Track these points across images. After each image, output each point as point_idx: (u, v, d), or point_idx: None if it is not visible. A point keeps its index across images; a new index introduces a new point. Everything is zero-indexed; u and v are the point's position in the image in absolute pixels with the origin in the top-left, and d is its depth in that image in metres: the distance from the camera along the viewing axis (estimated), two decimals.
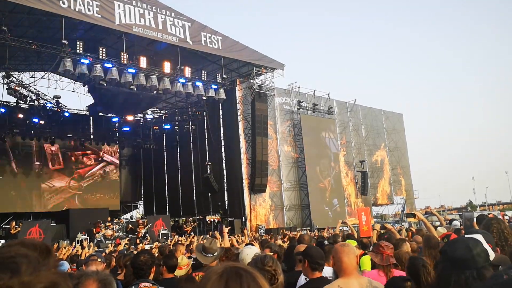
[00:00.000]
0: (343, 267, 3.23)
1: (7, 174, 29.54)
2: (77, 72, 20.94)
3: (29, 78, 28.46)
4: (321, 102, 33.49)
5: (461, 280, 2.12)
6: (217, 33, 25.81)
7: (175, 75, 24.27)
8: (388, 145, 39.08)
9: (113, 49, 23.24)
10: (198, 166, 31.86)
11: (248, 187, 27.75)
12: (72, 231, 22.06)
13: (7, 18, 19.91)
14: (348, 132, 35.59)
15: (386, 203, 38.21)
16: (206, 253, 4.55)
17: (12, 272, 0.77)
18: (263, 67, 28.17)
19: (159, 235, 22.71)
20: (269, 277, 3.06)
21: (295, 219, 30.18)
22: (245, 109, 28.80)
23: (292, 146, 31.47)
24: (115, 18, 21.47)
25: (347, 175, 34.52)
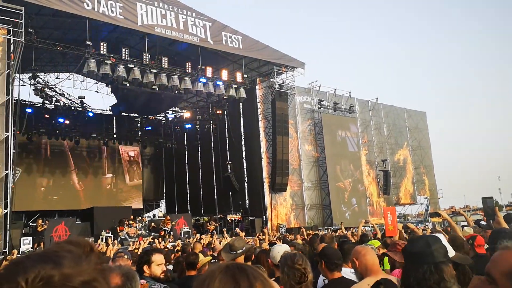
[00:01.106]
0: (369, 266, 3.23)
1: (33, 173, 30.23)
2: (101, 73, 21.30)
3: (55, 79, 29.12)
4: (342, 101, 33.27)
5: (419, 273, 2.19)
6: (238, 32, 25.90)
7: (196, 75, 24.47)
8: (411, 144, 38.58)
9: (136, 50, 23.57)
10: (218, 165, 32.04)
11: (269, 186, 27.77)
12: (97, 229, 22.46)
13: (34, 20, 20.39)
14: (369, 131, 35.27)
15: (409, 203, 37.73)
16: (231, 250, 4.62)
17: (54, 264, 0.82)
18: (283, 66, 28.14)
19: (181, 234, 22.95)
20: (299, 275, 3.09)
21: (316, 218, 30.07)
22: (266, 108, 28.82)
23: (313, 145, 31.35)
24: (137, 19, 21.78)
25: (369, 174, 34.21)
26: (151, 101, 26.28)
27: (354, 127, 33.49)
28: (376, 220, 32.21)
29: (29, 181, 29.69)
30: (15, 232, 19.01)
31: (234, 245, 4.65)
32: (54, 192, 31.01)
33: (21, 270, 0.78)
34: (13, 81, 19.38)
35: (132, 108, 30.23)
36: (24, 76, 25.77)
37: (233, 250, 4.61)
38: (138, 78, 22.16)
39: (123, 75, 21.71)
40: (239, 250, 4.61)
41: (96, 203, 31.37)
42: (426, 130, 40.54)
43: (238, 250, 4.61)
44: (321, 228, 27.23)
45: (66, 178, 31.79)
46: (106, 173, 33.85)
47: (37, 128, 28.05)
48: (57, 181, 31.32)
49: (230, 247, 4.66)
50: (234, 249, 4.61)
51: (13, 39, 18.70)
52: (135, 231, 21.81)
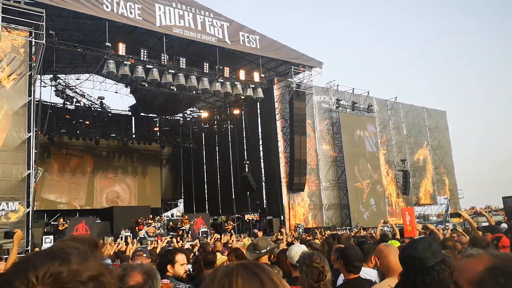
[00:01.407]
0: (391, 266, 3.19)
1: (54, 172, 30.72)
2: (120, 74, 21.54)
3: (75, 80, 29.56)
4: (361, 100, 33.01)
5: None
6: (255, 32, 25.92)
7: (213, 75, 24.58)
8: (431, 144, 38.09)
9: (154, 51, 23.78)
10: (236, 165, 32.12)
11: (287, 186, 27.71)
12: (116, 228, 22.75)
13: (54, 22, 20.73)
14: (388, 130, 34.93)
15: (429, 203, 37.26)
16: (255, 249, 4.64)
17: (62, 260, 0.85)
18: (301, 65, 28.05)
19: (199, 233, 23.09)
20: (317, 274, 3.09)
21: (334, 218, 29.91)
22: (283, 107, 28.77)
23: (331, 145, 31.18)
24: (155, 20, 21.98)
25: (388, 174, 33.88)
26: (169, 102, 26.47)
27: (372, 126, 33.20)
28: (395, 220, 31.89)
29: (51, 180, 30.19)
30: (37, 231, 19.36)
31: (258, 244, 4.66)
32: (75, 192, 31.48)
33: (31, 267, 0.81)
34: (35, 83, 19.74)
35: (151, 109, 30.49)
36: (46, 78, 26.21)
37: (257, 249, 4.63)
38: (157, 79, 22.36)
39: (142, 75, 21.93)
40: (263, 249, 4.62)
41: (115, 202, 31.82)
42: (446, 129, 39.98)
43: (262, 249, 4.62)
44: (339, 228, 27.08)
45: (86, 178, 32.24)
46: (125, 173, 34.22)
47: (58, 128, 28.53)
48: (78, 181, 31.78)
49: (254, 247, 4.68)
50: (258, 249, 4.63)
51: (34, 41, 19.05)
52: (154, 230, 22.02)
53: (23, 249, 16.61)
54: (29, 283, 0.79)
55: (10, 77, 18.51)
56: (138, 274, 2.19)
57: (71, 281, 0.82)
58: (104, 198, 32.47)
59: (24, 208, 18.14)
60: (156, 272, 2.28)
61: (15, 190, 18.06)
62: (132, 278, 2.17)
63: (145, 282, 2.16)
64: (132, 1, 21.34)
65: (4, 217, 17.64)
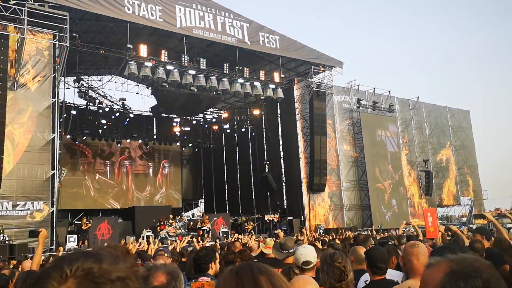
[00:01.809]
0: (414, 268, 3.16)
1: (78, 172, 31.24)
2: (141, 75, 21.80)
3: (98, 82, 30.01)
4: (382, 100, 32.67)
5: None
6: (275, 32, 25.91)
7: (233, 76, 24.65)
8: (454, 144, 37.44)
9: (175, 52, 23.99)
10: (256, 165, 32.13)
11: (307, 186, 27.60)
12: (138, 227, 22.99)
13: (78, 25, 21.11)
14: (410, 130, 34.47)
15: (452, 204, 36.62)
16: (281, 249, 4.65)
17: (95, 259, 0.95)
18: (321, 65, 27.91)
19: (220, 233, 23.18)
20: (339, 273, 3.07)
21: (355, 219, 29.66)
22: (303, 108, 28.66)
23: (352, 145, 30.94)
24: (176, 22, 22.17)
25: (410, 175, 33.45)
26: (190, 102, 26.66)
27: (394, 126, 32.82)
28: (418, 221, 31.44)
29: (74, 180, 30.71)
30: (61, 230, 19.73)
31: (286, 244, 4.67)
32: (97, 191, 31.95)
33: (67, 262, 0.93)
34: (59, 84, 20.14)
35: (172, 109, 30.76)
36: (69, 79, 26.69)
37: (284, 249, 4.65)
38: (177, 80, 22.55)
39: (163, 77, 22.15)
40: (291, 249, 4.63)
41: (137, 202, 32.17)
42: (470, 129, 39.25)
43: (290, 249, 4.63)
44: (361, 229, 26.84)
45: (108, 178, 32.70)
46: (146, 173, 34.59)
47: (81, 129, 29.03)
48: (100, 181, 32.25)
49: (281, 246, 4.70)
50: (285, 248, 4.64)
51: (58, 44, 19.44)
52: (175, 230, 22.19)
53: (48, 248, 16.94)
54: (63, 275, 0.89)
55: (35, 79, 18.93)
56: (162, 275, 2.21)
57: (100, 277, 0.91)
58: (126, 197, 32.87)
59: (49, 208, 18.52)
60: (180, 273, 2.30)
61: (40, 190, 18.47)
62: (156, 279, 2.19)
63: (169, 282, 2.18)
64: (153, 3, 21.58)
65: (30, 216, 18.05)
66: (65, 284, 0.89)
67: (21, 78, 18.51)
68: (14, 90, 18.27)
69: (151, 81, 23.26)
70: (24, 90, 18.64)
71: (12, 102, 17.96)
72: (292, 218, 27.27)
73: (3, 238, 16.53)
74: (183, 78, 22.77)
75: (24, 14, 17.70)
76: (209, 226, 23.53)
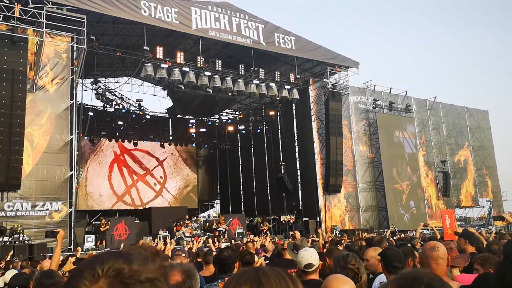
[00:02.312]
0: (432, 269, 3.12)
1: (95, 173, 31.60)
2: (157, 77, 21.97)
3: (115, 84, 30.36)
4: (398, 100, 32.37)
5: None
6: (290, 33, 25.88)
7: (249, 77, 24.69)
8: (472, 144, 36.90)
9: (190, 53, 24.14)
10: (272, 166, 32.11)
11: (323, 187, 27.48)
12: (154, 228, 23.17)
13: (95, 28, 21.38)
14: (427, 131, 34.08)
15: (470, 206, 36.09)
16: (297, 250, 4.63)
17: (126, 260, 0.97)
18: (337, 66, 27.78)
19: (235, 234, 23.22)
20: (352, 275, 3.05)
21: (371, 220, 29.43)
22: (319, 108, 28.55)
23: (368, 146, 30.72)
24: (192, 24, 22.30)
25: (427, 176, 33.06)
26: (206, 103, 26.78)
27: (411, 127, 32.48)
28: (435, 223, 31.08)
29: (92, 181, 31.09)
30: (79, 230, 19.97)
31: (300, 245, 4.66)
32: (115, 192, 32.28)
33: (99, 262, 0.95)
34: (77, 86, 20.42)
35: (187, 111, 30.93)
36: (87, 81, 27.05)
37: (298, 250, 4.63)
38: (193, 81, 22.67)
39: (179, 78, 22.30)
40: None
41: (153, 203, 32.42)
42: (489, 129, 38.64)
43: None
44: (377, 231, 26.63)
45: (125, 179, 33.01)
46: (162, 174, 34.83)
47: (99, 130, 29.37)
48: (117, 181, 32.58)
49: (295, 247, 4.69)
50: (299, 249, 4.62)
51: (76, 46, 19.71)
52: (191, 230, 22.30)
53: (66, 248, 17.18)
54: (95, 274, 0.92)
55: (53, 82, 19.22)
56: (178, 274, 2.23)
57: (130, 278, 0.93)
58: (143, 198, 33.15)
59: (67, 208, 18.78)
60: (195, 272, 2.32)
61: (58, 191, 18.74)
62: (171, 277, 2.21)
63: (184, 281, 2.20)
64: (169, 5, 21.74)
65: (48, 216, 18.33)
66: (96, 284, 0.91)
67: (40, 80, 18.81)
68: (33, 92, 18.58)
69: (167, 83, 23.42)
70: (43, 92, 18.93)
71: (31, 104, 18.27)
72: (307, 219, 27.17)
73: (23, 238, 16.81)
74: (198, 80, 22.89)
75: (42, 18, 17.99)
76: (225, 227, 23.59)
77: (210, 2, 23.37)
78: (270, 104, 31.04)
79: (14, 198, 17.78)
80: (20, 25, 17.92)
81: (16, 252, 15.08)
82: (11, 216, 17.56)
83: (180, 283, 2.19)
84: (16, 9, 17.71)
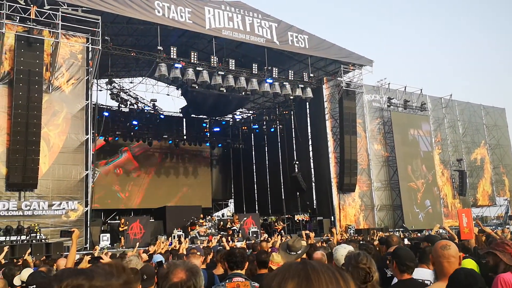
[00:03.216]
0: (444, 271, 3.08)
1: (110, 173, 31.90)
2: (171, 77, 22.06)
3: (129, 84, 30.59)
4: (413, 98, 32.05)
5: None
6: (304, 32, 25.79)
7: (262, 76, 24.66)
8: (489, 142, 36.41)
9: (204, 53, 24.19)
10: (286, 165, 32.04)
11: (337, 186, 27.35)
12: (169, 227, 23.28)
13: (109, 28, 21.56)
14: (443, 129, 33.70)
15: (487, 205, 35.61)
16: (290, 251, 4.55)
17: (86, 276, 0.95)
18: (350, 64, 27.62)
19: (249, 233, 23.22)
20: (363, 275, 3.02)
21: (386, 219, 29.21)
22: (333, 107, 28.41)
23: (382, 145, 30.49)
24: (205, 23, 22.36)
25: (443, 175, 32.70)
26: (219, 103, 26.84)
27: (426, 125, 32.15)
28: (451, 222, 30.73)
29: (107, 180, 31.35)
30: (94, 229, 20.17)
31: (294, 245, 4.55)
32: (129, 191, 32.54)
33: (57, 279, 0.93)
34: (92, 87, 20.62)
35: (201, 110, 31.04)
36: (101, 82, 27.29)
37: (292, 251, 4.53)
38: (207, 81, 22.72)
39: (192, 78, 22.36)
40: (299, 250, 4.53)
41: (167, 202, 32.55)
42: (506, 127, 38.07)
43: (298, 250, 4.53)
44: (392, 230, 26.41)
45: (140, 178, 33.24)
46: (176, 173, 34.99)
47: (113, 130, 29.60)
48: (132, 181, 32.83)
49: (288, 248, 4.58)
50: (293, 250, 4.53)
51: (91, 47, 19.90)
52: (205, 230, 22.35)
53: (82, 246, 17.38)
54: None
55: (69, 82, 19.44)
56: (181, 271, 2.24)
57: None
58: (157, 197, 33.30)
59: (83, 207, 18.98)
60: (199, 270, 2.33)
61: (74, 190, 18.95)
62: (175, 275, 2.23)
63: (189, 278, 2.21)
64: (183, 5, 21.83)
65: (65, 215, 18.55)
66: None
67: (55, 81, 19.03)
68: (49, 92, 18.81)
69: (181, 83, 23.51)
70: (58, 92, 19.15)
71: (47, 104, 18.50)
72: (322, 218, 27.07)
73: (40, 237, 17.04)
74: (212, 79, 22.93)
75: (58, 19, 18.22)
76: (239, 226, 23.61)
77: (224, 1, 23.41)
78: (283, 103, 30.98)
79: (31, 197, 18.04)
80: (36, 27, 18.18)
81: (33, 250, 15.29)
82: (28, 215, 17.81)
83: (184, 280, 2.21)
84: (32, 10, 17.97)
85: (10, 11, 17.50)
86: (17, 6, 17.65)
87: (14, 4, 17.56)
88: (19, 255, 13.22)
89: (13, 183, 17.49)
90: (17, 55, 17.63)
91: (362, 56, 27.99)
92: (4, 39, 17.65)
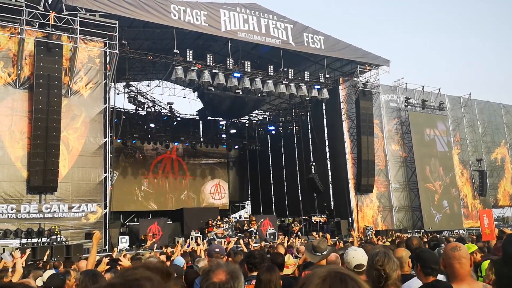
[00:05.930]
0: (456, 273, 3.04)
1: (128, 175, 32.20)
2: (188, 79, 22.20)
3: (146, 87, 30.85)
4: (431, 98, 31.65)
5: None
6: (319, 32, 25.71)
7: (278, 77, 24.65)
8: (509, 142, 35.75)
9: (220, 55, 24.29)
10: (302, 166, 31.95)
11: (354, 187, 27.16)
12: (186, 228, 23.42)
13: (126, 32, 21.80)
14: (462, 128, 33.21)
15: (508, 205, 34.96)
16: (315, 252, 4.57)
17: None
18: (367, 64, 27.42)
19: (267, 235, 23.21)
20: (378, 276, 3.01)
21: (405, 221, 28.88)
22: (349, 108, 28.24)
23: (400, 145, 30.17)
24: (221, 26, 22.46)
25: (462, 175, 32.22)
26: (235, 105, 26.89)
27: (443, 125, 31.69)
28: (471, 223, 30.25)
29: (125, 183, 31.65)
30: (113, 231, 20.38)
31: (319, 246, 4.59)
32: (148, 194, 32.83)
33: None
34: (109, 90, 20.87)
35: (217, 112, 31.12)
36: (119, 85, 27.57)
37: (317, 251, 4.56)
38: (223, 83, 22.81)
39: (209, 80, 22.48)
40: (324, 251, 4.55)
41: (185, 204, 32.77)
42: None
43: (323, 251, 4.55)
44: (411, 231, 26.12)
45: (158, 180, 33.51)
46: (194, 175, 35.18)
47: (131, 133, 29.89)
48: (150, 183, 33.12)
49: (313, 249, 4.61)
50: (318, 251, 4.56)
51: (108, 51, 20.16)
52: (223, 231, 22.43)
53: (101, 248, 17.58)
54: None
55: (87, 86, 19.72)
56: (223, 273, 2.26)
57: None
58: (174, 199, 33.56)
59: (102, 210, 19.21)
60: (241, 274, 2.33)
61: (93, 193, 19.20)
62: (216, 276, 2.24)
63: (227, 281, 2.22)
64: (198, 8, 21.97)
65: (84, 218, 18.80)
66: None
67: (74, 85, 19.31)
68: (68, 97, 19.10)
69: (197, 85, 23.64)
70: (77, 96, 19.43)
71: (66, 108, 18.79)
72: (339, 219, 26.90)
73: (60, 239, 17.30)
74: (228, 81, 23.02)
75: (76, 24, 18.50)
76: (256, 228, 23.63)
77: (239, 3, 23.48)
78: (300, 104, 30.90)
79: (52, 200, 18.32)
80: (55, 32, 18.49)
81: (54, 252, 15.54)
82: (49, 218, 18.09)
83: (223, 282, 2.22)
84: (51, 16, 18.29)
85: (29, 17, 17.84)
86: (37, 12, 17.98)
87: (33, 10, 17.90)
88: (40, 257, 13.44)
89: (34, 186, 17.80)
90: (36, 60, 17.96)
91: (379, 56, 27.77)
92: (24, 45, 17.99)
